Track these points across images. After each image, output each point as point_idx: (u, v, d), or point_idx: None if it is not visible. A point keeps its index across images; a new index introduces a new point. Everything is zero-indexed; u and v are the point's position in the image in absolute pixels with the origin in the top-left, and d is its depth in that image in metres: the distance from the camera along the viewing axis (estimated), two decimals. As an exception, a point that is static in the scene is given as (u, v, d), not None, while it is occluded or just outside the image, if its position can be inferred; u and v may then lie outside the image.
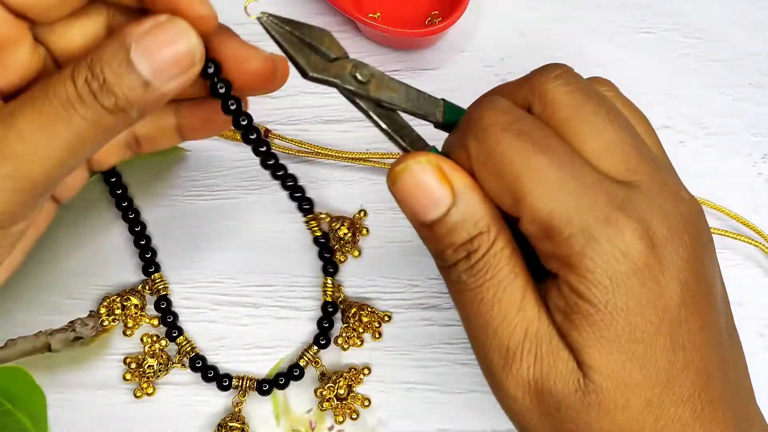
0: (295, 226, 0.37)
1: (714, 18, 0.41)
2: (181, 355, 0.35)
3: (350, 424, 0.35)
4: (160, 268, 0.36)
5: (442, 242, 0.22)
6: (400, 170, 0.22)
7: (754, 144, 0.39)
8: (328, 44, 0.23)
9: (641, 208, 0.21)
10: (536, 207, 0.21)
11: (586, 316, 0.21)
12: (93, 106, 0.22)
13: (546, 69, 0.24)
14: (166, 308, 0.35)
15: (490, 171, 0.22)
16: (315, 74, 0.22)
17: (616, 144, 0.22)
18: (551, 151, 0.21)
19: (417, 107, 0.24)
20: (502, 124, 0.22)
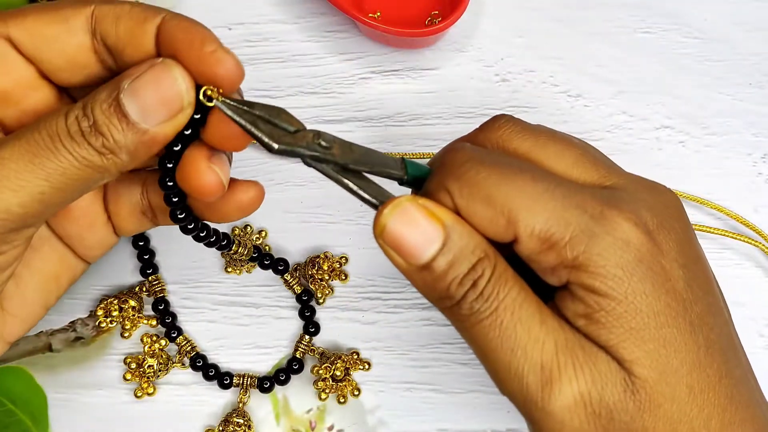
0: (294, 226, 0.37)
1: (714, 18, 0.41)
2: (181, 354, 0.35)
3: (350, 423, 0.35)
4: (158, 270, 0.36)
5: (444, 279, 0.22)
6: (386, 216, 0.22)
7: (754, 144, 0.39)
8: (286, 119, 0.23)
9: (627, 201, 0.22)
10: (531, 221, 0.21)
11: (609, 311, 0.21)
12: (81, 144, 0.22)
13: (493, 119, 0.25)
14: (164, 309, 0.35)
15: (477, 202, 0.22)
16: (281, 146, 0.22)
17: (581, 158, 0.24)
18: (530, 169, 0.22)
19: (380, 166, 0.24)
20: (477, 158, 0.22)
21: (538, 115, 0.39)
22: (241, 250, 0.34)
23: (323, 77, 0.40)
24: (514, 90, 0.40)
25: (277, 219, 0.37)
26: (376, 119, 0.39)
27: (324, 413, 0.35)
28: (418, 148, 0.38)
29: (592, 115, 0.39)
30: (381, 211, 0.22)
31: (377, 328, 0.36)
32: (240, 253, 0.34)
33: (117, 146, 0.22)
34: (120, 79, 0.22)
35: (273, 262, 0.35)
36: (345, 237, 0.37)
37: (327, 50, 0.40)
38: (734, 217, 0.38)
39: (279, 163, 0.38)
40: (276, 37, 0.40)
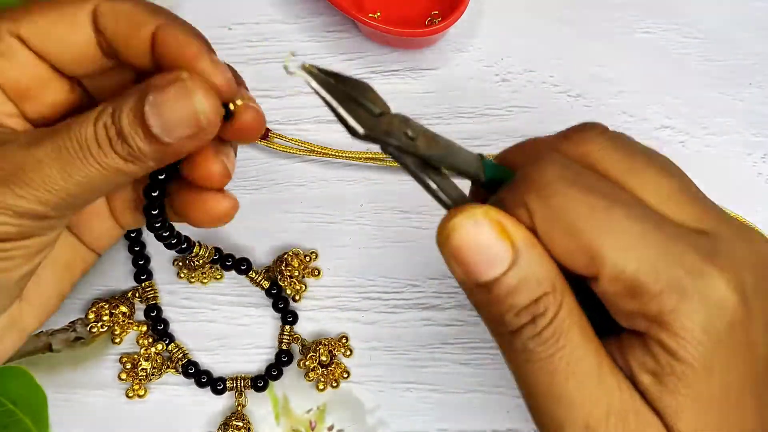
0: (293, 226, 0.37)
1: (714, 18, 0.41)
2: (174, 362, 0.35)
3: (350, 423, 0.35)
4: (152, 276, 0.36)
5: (502, 305, 0.20)
6: (453, 225, 0.20)
7: (754, 144, 0.39)
8: (372, 99, 0.21)
9: (727, 257, 0.20)
10: (620, 264, 0.19)
11: (681, 377, 0.19)
12: (109, 153, 0.23)
13: (583, 128, 0.23)
14: (156, 316, 0.35)
15: (559, 229, 0.20)
16: (366, 131, 0.20)
17: (677, 193, 0.21)
18: (625, 203, 0.20)
19: (459, 164, 0.22)
20: (567, 178, 0.20)
21: (538, 115, 0.39)
22: (202, 252, 0.33)
23: (323, 77, 0.40)
24: (514, 90, 0.40)
25: (277, 219, 0.37)
26: (376, 119, 0.39)
27: (324, 413, 0.35)
28: (418, 148, 0.38)
29: (592, 115, 0.39)
30: (450, 217, 0.20)
31: (377, 328, 0.36)
32: (201, 256, 0.33)
33: (143, 154, 0.23)
34: (146, 89, 0.23)
35: (235, 263, 0.35)
36: (345, 237, 0.37)
37: (327, 50, 0.40)
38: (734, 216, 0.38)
39: (280, 162, 0.38)
40: (276, 37, 0.40)
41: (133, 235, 0.36)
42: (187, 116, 0.22)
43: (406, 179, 0.38)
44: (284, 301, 0.36)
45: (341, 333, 0.36)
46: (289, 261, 0.36)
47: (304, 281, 0.36)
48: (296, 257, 0.36)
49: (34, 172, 0.23)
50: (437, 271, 0.29)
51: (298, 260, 0.36)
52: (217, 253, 0.35)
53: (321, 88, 0.20)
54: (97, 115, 0.23)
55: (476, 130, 0.39)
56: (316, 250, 0.37)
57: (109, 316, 0.35)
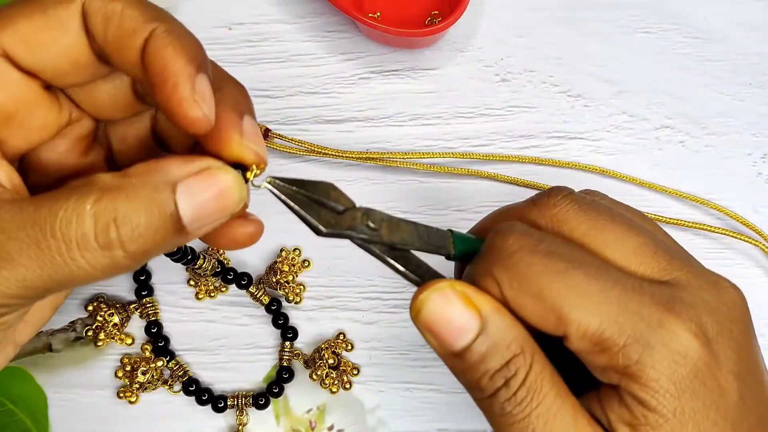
0: (294, 226, 0.37)
1: (714, 18, 0.41)
2: (174, 378, 0.35)
3: (350, 423, 0.35)
4: (153, 292, 0.36)
5: (476, 371, 0.21)
6: (423, 299, 0.21)
7: (754, 144, 0.39)
8: (335, 197, 0.23)
9: (688, 305, 0.21)
10: (584, 322, 0.20)
11: (656, 427, 0.20)
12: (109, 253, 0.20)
13: (549, 193, 0.24)
14: (156, 333, 0.35)
15: (526, 295, 0.21)
16: (328, 230, 0.22)
17: (641, 247, 0.22)
18: (585, 264, 0.21)
19: (428, 243, 0.23)
20: (528, 246, 0.21)
21: (538, 115, 0.39)
22: (205, 265, 0.34)
23: (323, 77, 0.40)
24: (514, 90, 0.40)
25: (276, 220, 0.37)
26: (376, 119, 0.39)
27: (324, 413, 0.35)
28: (418, 148, 0.38)
29: (592, 115, 0.39)
30: (419, 294, 0.22)
31: (377, 328, 0.36)
32: (204, 268, 0.34)
33: (159, 250, 0.20)
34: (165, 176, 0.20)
35: (236, 277, 0.35)
36: (345, 237, 0.37)
37: (327, 50, 0.40)
38: (734, 217, 0.38)
39: (279, 162, 0.38)
40: (276, 37, 0.40)
41: None
42: (220, 210, 0.21)
43: (407, 179, 0.38)
44: (284, 318, 0.36)
45: (338, 330, 0.36)
46: (280, 268, 0.36)
47: (301, 282, 0.36)
48: (285, 262, 0.36)
49: (5, 270, 0.19)
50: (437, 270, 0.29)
51: (288, 264, 0.36)
52: (219, 266, 0.35)
53: (283, 195, 0.22)
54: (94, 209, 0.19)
55: (476, 130, 0.39)
56: (299, 247, 0.37)
57: (101, 319, 0.35)
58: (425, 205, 0.38)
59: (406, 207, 0.38)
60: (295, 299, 0.36)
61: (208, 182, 0.21)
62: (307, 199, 0.22)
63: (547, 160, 0.38)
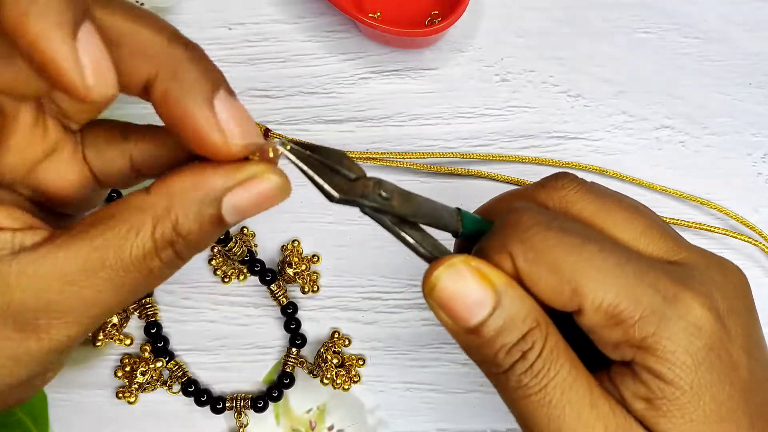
0: (293, 226, 0.37)
1: (714, 18, 0.41)
2: (173, 379, 0.35)
3: (350, 423, 0.35)
4: (152, 293, 0.36)
5: (492, 346, 0.21)
6: (437, 276, 0.21)
7: (754, 144, 0.39)
8: (348, 165, 0.22)
9: (700, 282, 0.21)
10: (600, 295, 0.20)
11: (673, 400, 0.20)
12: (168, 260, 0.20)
13: (556, 177, 0.24)
14: (156, 333, 0.35)
15: (542, 269, 0.21)
16: (341, 196, 0.22)
17: (649, 229, 0.23)
18: (599, 240, 0.21)
19: (437, 219, 0.23)
20: (543, 222, 0.21)
21: (538, 115, 0.39)
22: (236, 249, 0.34)
23: (323, 77, 0.40)
24: (514, 90, 0.40)
25: (276, 219, 0.37)
26: (376, 119, 0.39)
27: (324, 413, 0.35)
28: (418, 148, 0.38)
29: (592, 115, 0.39)
30: (432, 269, 0.22)
31: (377, 328, 0.36)
32: (234, 252, 0.34)
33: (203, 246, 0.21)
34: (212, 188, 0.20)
35: (262, 270, 0.36)
36: (345, 237, 0.37)
37: (327, 50, 0.40)
38: (734, 217, 0.38)
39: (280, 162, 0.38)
40: (276, 37, 0.40)
41: None
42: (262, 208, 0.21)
43: (407, 179, 0.38)
44: (297, 324, 0.36)
45: (332, 329, 0.36)
46: (291, 259, 0.36)
47: (315, 270, 0.37)
48: (294, 254, 0.36)
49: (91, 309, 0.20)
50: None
51: (297, 255, 0.36)
52: (249, 255, 0.35)
53: (298, 159, 0.22)
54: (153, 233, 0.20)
55: (476, 130, 0.39)
56: (297, 238, 0.37)
57: None
58: (425, 205, 0.38)
59: (406, 207, 0.38)
60: (312, 288, 0.36)
61: (255, 189, 0.21)
62: (320, 164, 0.22)
63: (547, 160, 0.38)
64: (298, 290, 0.36)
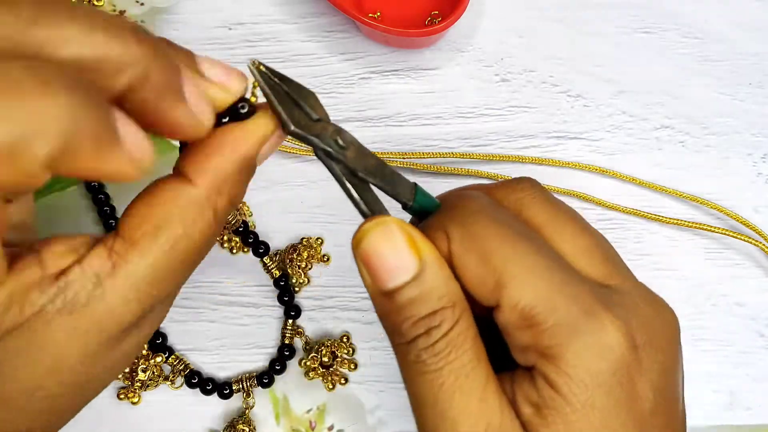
0: (294, 226, 0.37)
1: (714, 18, 0.41)
2: (175, 374, 0.35)
3: (350, 423, 0.35)
4: None
5: (401, 314, 0.21)
6: (367, 229, 0.21)
7: (754, 144, 0.39)
8: (313, 104, 0.22)
9: (624, 308, 0.21)
10: (520, 293, 0.20)
11: (560, 412, 0.20)
12: None
13: (518, 180, 0.24)
14: None
15: (473, 255, 0.21)
16: (296, 129, 0.21)
17: (592, 248, 0.22)
18: (537, 242, 0.21)
19: (390, 185, 0.23)
20: (487, 212, 0.21)
21: (538, 115, 0.39)
22: (229, 218, 0.34)
23: (323, 77, 0.40)
24: (514, 90, 0.40)
25: (277, 219, 0.37)
26: (376, 119, 0.39)
27: (324, 413, 0.35)
28: (417, 148, 0.38)
29: (592, 115, 0.39)
30: (364, 223, 0.21)
31: (377, 327, 0.36)
32: (227, 221, 0.34)
33: None
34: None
35: (255, 242, 0.36)
36: (345, 237, 0.37)
37: (327, 50, 0.40)
38: (734, 217, 0.38)
39: (278, 162, 0.38)
40: (276, 37, 0.40)
41: None
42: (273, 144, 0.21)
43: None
44: (290, 295, 0.36)
45: (343, 332, 0.36)
46: (301, 251, 0.36)
47: (309, 275, 0.37)
48: (307, 248, 0.36)
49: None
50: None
51: (308, 251, 0.36)
52: (243, 226, 0.35)
53: (263, 81, 0.21)
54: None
55: (476, 130, 0.39)
56: (322, 236, 0.37)
57: None
58: (425, 205, 0.38)
59: (406, 207, 0.38)
60: (299, 281, 0.36)
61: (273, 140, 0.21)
62: (286, 96, 0.21)
63: (547, 160, 0.38)
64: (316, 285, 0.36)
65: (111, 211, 0.37)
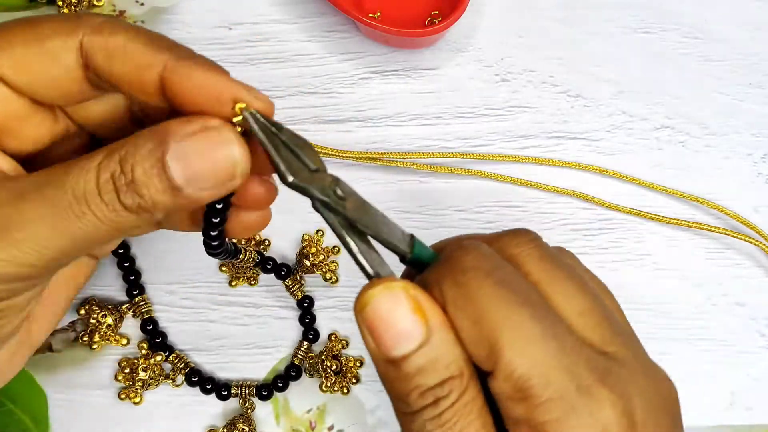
0: (294, 226, 0.37)
1: (714, 18, 0.41)
2: (175, 372, 0.35)
3: (350, 424, 0.35)
4: (145, 290, 0.36)
5: (408, 383, 0.20)
6: (371, 295, 0.20)
7: (754, 144, 0.39)
8: (309, 154, 0.22)
9: (622, 382, 0.20)
10: (515, 363, 0.19)
11: None
12: (112, 204, 0.20)
13: (516, 233, 0.23)
14: (153, 330, 0.35)
15: (467, 317, 0.20)
16: (295, 181, 0.20)
17: (589, 311, 0.21)
18: (534, 304, 0.20)
19: (388, 236, 0.22)
20: (484, 268, 0.20)
21: (538, 115, 0.39)
22: (246, 258, 0.34)
23: (323, 77, 0.40)
24: (514, 90, 0.40)
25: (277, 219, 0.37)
26: (376, 119, 0.39)
27: (324, 413, 0.35)
28: (418, 148, 0.38)
29: (592, 115, 0.39)
30: (368, 288, 0.21)
31: (377, 328, 0.36)
32: (245, 261, 0.34)
33: (153, 206, 0.21)
34: (164, 134, 0.20)
35: (275, 267, 0.35)
36: (345, 237, 0.37)
37: (327, 50, 0.40)
38: (734, 216, 0.38)
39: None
40: (276, 37, 0.40)
41: (121, 251, 0.36)
42: (219, 168, 0.21)
43: (407, 179, 0.38)
44: (312, 318, 0.36)
45: (330, 331, 0.36)
46: (309, 251, 0.36)
47: (334, 260, 0.37)
48: (312, 244, 0.36)
49: (21, 232, 0.20)
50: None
51: (315, 246, 0.36)
52: (259, 257, 0.35)
53: (259, 130, 0.21)
54: (99, 163, 0.20)
55: (476, 130, 0.39)
56: (321, 228, 0.37)
57: (94, 321, 0.35)
58: (425, 205, 0.38)
59: (406, 207, 0.38)
60: (332, 278, 0.36)
61: (205, 140, 0.20)
62: (283, 145, 0.21)
63: (547, 160, 0.38)
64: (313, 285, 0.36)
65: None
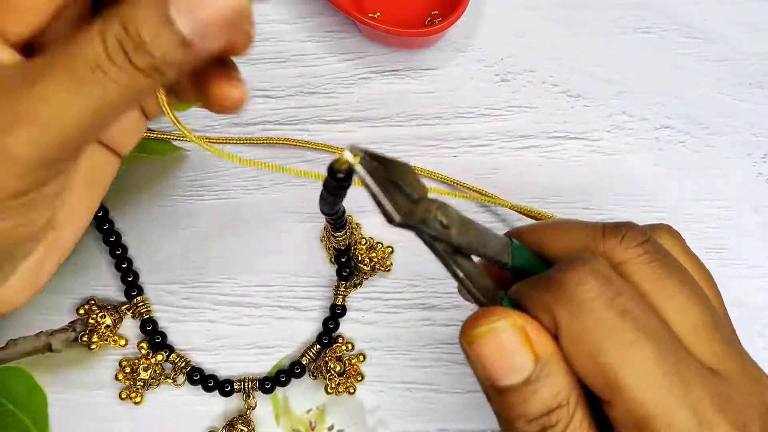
0: (294, 226, 0.37)
1: (714, 18, 0.41)
2: (176, 371, 0.35)
3: (350, 424, 0.35)
4: (144, 291, 0.36)
5: (514, 410, 0.20)
6: (480, 333, 0.20)
7: (754, 144, 0.39)
8: (411, 181, 0.21)
9: (738, 407, 0.20)
10: (637, 399, 0.19)
11: None
12: (126, 68, 0.20)
13: (625, 232, 0.22)
14: (152, 330, 0.35)
15: (583, 350, 0.20)
16: (402, 219, 0.20)
17: (701, 327, 0.21)
18: (657, 337, 0.20)
19: (491, 250, 0.22)
20: (604, 298, 0.20)
21: (538, 115, 0.39)
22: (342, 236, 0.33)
23: (323, 77, 0.40)
24: (514, 90, 0.40)
25: (277, 219, 0.37)
26: (376, 119, 0.39)
27: (324, 413, 0.35)
28: (418, 148, 0.38)
29: (592, 115, 0.39)
30: (477, 323, 0.21)
31: (377, 328, 0.36)
32: (340, 239, 0.33)
33: (165, 65, 0.20)
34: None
35: (350, 273, 0.36)
36: (345, 237, 0.37)
37: (327, 50, 0.40)
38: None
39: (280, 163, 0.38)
40: (276, 37, 0.40)
41: (118, 253, 0.36)
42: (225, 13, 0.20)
43: (406, 179, 0.38)
44: (336, 326, 0.36)
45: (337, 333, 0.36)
46: (359, 252, 0.36)
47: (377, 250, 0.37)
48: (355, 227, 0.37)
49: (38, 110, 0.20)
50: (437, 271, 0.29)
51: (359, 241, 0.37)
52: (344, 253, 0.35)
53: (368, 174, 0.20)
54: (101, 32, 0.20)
55: (476, 130, 0.39)
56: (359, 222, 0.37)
57: (93, 322, 0.35)
58: (425, 205, 0.38)
59: (406, 207, 0.38)
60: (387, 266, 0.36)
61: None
62: (385, 180, 0.20)
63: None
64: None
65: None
